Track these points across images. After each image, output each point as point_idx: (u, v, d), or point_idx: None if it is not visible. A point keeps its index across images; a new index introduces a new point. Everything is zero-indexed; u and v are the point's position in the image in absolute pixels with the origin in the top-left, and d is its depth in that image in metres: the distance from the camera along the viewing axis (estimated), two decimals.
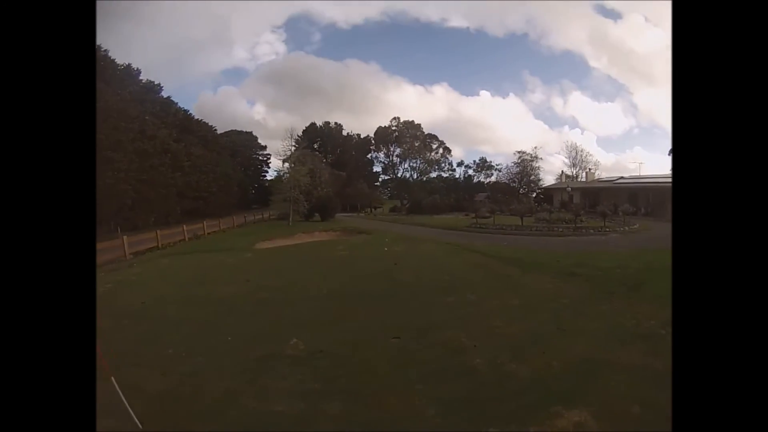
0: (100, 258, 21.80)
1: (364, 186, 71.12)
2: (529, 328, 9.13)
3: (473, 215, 43.65)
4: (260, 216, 50.89)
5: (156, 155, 43.09)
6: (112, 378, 5.29)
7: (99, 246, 22.94)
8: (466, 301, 11.47)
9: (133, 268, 20.65)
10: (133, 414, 5.32)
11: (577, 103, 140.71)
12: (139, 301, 13.98)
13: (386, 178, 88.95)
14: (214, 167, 52.94)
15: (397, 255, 20.80)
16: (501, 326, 9.20)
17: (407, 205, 70.59)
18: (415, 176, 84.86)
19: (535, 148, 73.21)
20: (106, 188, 35.36)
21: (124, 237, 25.70)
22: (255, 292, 15.04)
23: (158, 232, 29.84)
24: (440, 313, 10.67)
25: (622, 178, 59.05)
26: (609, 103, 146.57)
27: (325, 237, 35.42)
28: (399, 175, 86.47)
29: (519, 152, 73.43)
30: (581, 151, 74.48)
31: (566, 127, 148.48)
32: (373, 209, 71.15)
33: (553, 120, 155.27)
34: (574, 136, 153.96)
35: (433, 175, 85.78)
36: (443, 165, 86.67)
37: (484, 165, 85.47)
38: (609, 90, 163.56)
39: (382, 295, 13.06)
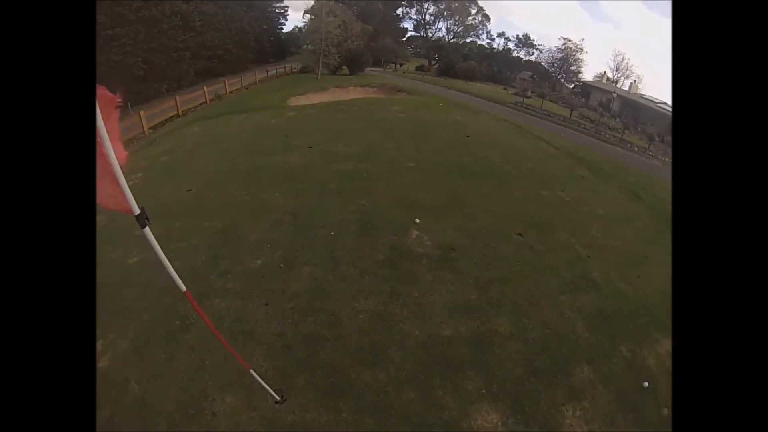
0: None
1: (391, 41, 64.96)
2: (620, 246, 9.03)
3: (514, 92, 45.23)
4: (282, 69, 46.82)
5: (164, 20, 38.63)
6: (251, 370, 4.42)
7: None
8: (560, 199, 10.80)
9: (159, 145, 16.68)
10: (269, 389, 4.71)
11: (628, 5, 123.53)
12: (185, 189, 10.46)
13: (415, 35, 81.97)
14: (228, 23, 48.18)
15: (461, 125, 18.22)
16: (599, 238, 9.05)
17: (437, 66, 67.55)
18: (448, 38, 77.86)
19: (582, 39, 69.94)
20: (113, 66, 32.16)
21: (141, 112, 21.36)
22: (329, 162, 11.68)
23: (177, 97, 25.27)
24: (544, 209, 10.00)
25: (665, 104, 52.73)
26: (665, 18, 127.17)
27: (363, 94, 31.50)
28: (431, 35, 79.51)
29: (564, 38, 68.28)
30: (628, 58, 68.16)
31: (611, 26, 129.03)
32: (398, 66, 67.11)
33: (596, 13, 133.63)
34: (616, 38, 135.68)
35: (468, 40, 78.71)
36: (480, 32, 78.85)
37: (526, 42, 78.50)
38: (668, 6, 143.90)
39: (476, 174, 11.55)
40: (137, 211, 2.64)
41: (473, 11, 76.87)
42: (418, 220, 8.04)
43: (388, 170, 11.00)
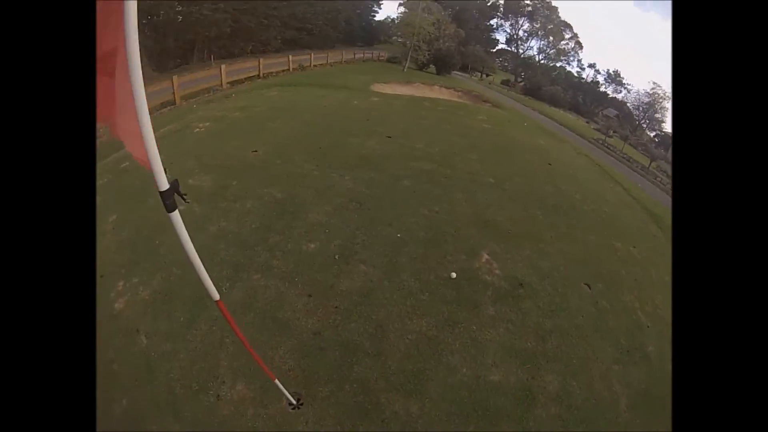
0: (192, 89, 18.57)
1: (480, 50, 63.79)
2: None
3: (596, 127, 44.76)
4: (369, 55, 47.27)
5: None
6: (276, 380, 3.85)
7: (191, 76, 20.05)
8: (631, 255, 9.76)
9: (234, 101, 16.45)
10: (287, 393, 4.16)
11: None
12: (250, 149, 9.93)
13: (505, 48, 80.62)
14: (322, 0, 48.56)
15: (544, 151, 16.99)
16: (661, 309, 8.15)
17: (522, 84, 65.59)
18: (538, 59, 76.59)
19: None
20: (201, 18, 33.29)
21: (222, 66, 21.45)
22: (407, 157, 10.83)
23: (260, 59, 25.38)
24: (615, 263, 8.98)
25: None
26: None
27: (448, 96, 30.45)
28: (521, 51, 78.31)
29: (654, 83, 66.70)
30: None
31: None
32: (485, 75, 65.62)
33: None
34: None
35: (558, 65, 76.93)
36: (572, 59, 76.81)
37: (615, 78, 75.53)
38: None
39: (555, 207, 10.35)
40: (163, 187, 1.86)
41: (567, 36, 75.15)
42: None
43: (467, 181, 10.07)
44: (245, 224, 6.82)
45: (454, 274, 6.45)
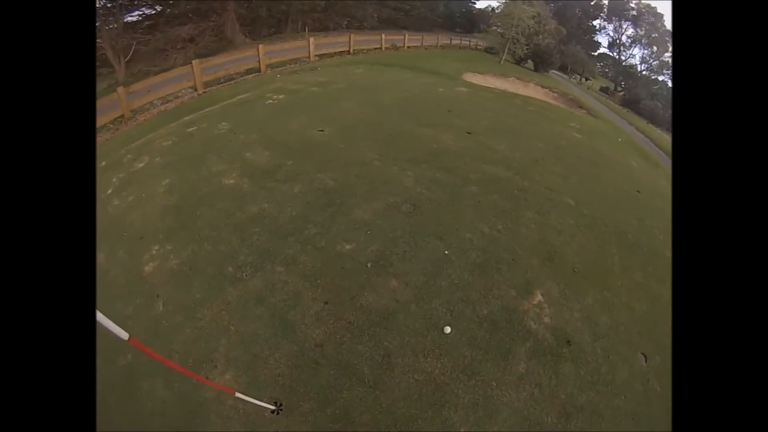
0: (280, 58, 18.75)
1: (581, 51, 60.19)
2: None
3: None
4: (467, 43, 45.83)
5: None
6: (237, 393, 3.75)
7: (279, 46, 20.25)
8: None
9: (317, 74, 16.24)
10: (261, 403, 4.03)
11: None
12: (317, 127, 9.58)
13: (607, 53, 75.31)
14: None
15: (635, 174, 14.85)
16: None
17: (622, 94, 60.77)
18: (640, 68, 70.76)
19: None
20: None
21: (311, 38, 21.60)
22: (482, 159, 9.71)
23: (352, 35, 25.13)
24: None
25: None
26: None
27: (543, 95, 28.38)
28: (623, 58, 72.85)
29: None
30: None
31: None
32: (584, 79, 61.78)
33: None
34: None
35: (660, 78, 70.01)
36: None
37: None
38: None
39: (634, 248, 8.49)
40: None
41: (672, 47, 68.85)
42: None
43: (542, 198, 8.77)
44: (286, 210, 6.51)
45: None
